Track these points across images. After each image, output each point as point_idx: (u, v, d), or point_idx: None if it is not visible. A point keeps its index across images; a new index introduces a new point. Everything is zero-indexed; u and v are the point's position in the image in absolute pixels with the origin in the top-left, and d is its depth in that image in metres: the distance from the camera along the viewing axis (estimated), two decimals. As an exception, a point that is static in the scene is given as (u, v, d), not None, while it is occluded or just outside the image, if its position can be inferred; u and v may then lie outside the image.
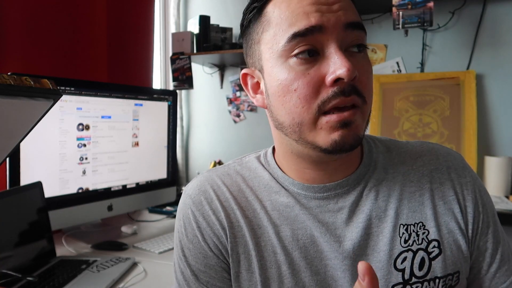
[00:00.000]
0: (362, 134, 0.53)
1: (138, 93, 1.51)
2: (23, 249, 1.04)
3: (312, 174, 0.58)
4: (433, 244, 0.56)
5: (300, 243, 0.57)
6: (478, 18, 1.72)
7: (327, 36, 0.50)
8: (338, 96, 0.49)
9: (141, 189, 1.54)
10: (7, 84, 0.51)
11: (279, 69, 0.52)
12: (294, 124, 0.52)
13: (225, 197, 0.60)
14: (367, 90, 0.52)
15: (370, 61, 0.55)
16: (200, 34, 2.02)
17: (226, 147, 2.26)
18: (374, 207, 0.57)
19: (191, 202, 0.60)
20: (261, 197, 0.60)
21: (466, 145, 1.69)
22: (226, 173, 0.63)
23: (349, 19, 0.50)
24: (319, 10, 0.50)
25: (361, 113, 0.52)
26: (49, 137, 1.22)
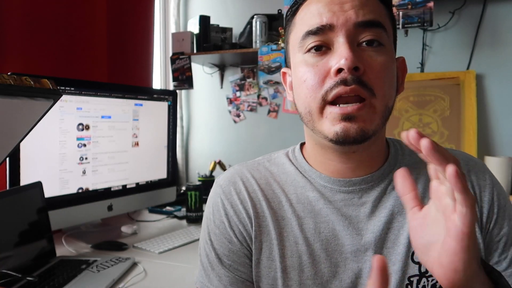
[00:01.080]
0: (372, 129, 0.55)
1: (138, 93, 1.51)
2: (23, 249, 1.04)
3: (336, 167, 0.61)
4: None
5: (322, 235, 0.60)
6: (478, 18, 1.72)
7: (337, 33, 0.54)
8: (338, 85, 0.53)
9: (141, 189, 1.54)
10: (7, 84, 0.51)
11: (297, 64, 0.59)
12: (306, 113, 0.58)
13: (253, 189, 0.64)
14: (376, 83, 0.54)
15: (389, 56, 0.56)
16: (200, 34, 2.02)
17: (226, 147, 2.26)
18: (397, 203, 0.60)
19: (221, 191, 0.65)
20: (287, 191, 0.63)
21: (466, 145, 1.69)
22: (256, 168, 0.67)
23: (359, 18, 0.54)
24: (331, 10, 0.55)
25: (370, 107, 0.54)
26: (49, 137, 1.22)
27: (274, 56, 1.81)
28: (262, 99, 2.17)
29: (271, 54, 1.81)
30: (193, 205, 1.59)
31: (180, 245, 1.31)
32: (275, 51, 1.80)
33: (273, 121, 2.15)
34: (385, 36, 0.56)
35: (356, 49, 0.54)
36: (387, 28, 0.57)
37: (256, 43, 1.89)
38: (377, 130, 0.56)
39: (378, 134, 0.58)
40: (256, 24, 1.89)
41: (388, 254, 0.59)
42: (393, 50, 0.59)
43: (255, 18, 1.89)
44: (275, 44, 1.80)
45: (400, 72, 0.62)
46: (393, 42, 0.61)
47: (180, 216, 1.67)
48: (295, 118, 2.09)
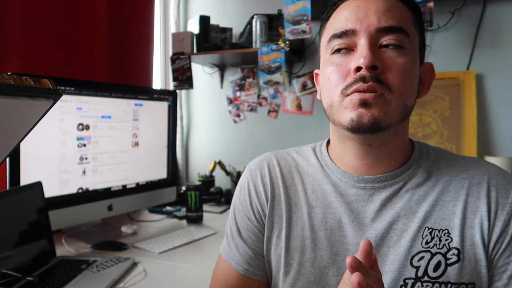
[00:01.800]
0: (386, 120, 0.58)
1: (138, 93, 1.51)
2: (23, 249, 1.04)
3: (353, 162, 0.65)
4: (453, 251, 0.59)
5: (328, 225, 0.65)
6: (478, 18, 1.72)
7: (360, 37, 0.59)
8: (357, 82, 0.58)
9: (141, 189, 1.54)
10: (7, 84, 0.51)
11: (324, 64, 0.64)
12: (328, 107, 0.63)
13: (276, 175, 0.71)
14: (395, 82, 0.58)
15: (410, 58, 0.60)
16: (200, 34, 2.02)
17: (226, 147, 2.26)
18: (406, 206, 0.62)
19: (249, 174, 0.74)
20: (306, 181, 0.70)
21: (466, 145, 1.69)
22: (284, 156, 0.74)
23: (381, 24, 0.58)
24: (356, 15, 0.60)
25: (385, 101, 0.58)
26: (49, 137, 1.22)
27: (274, 56, 1.81)
28: (262, 99, 2.17)
29: (271, 54, 1.81)
30: (193, 205, 1.59)
31: (180, 245, 1.31)
32: (275, 51, 1.80)
33: (273, 121, 2.15)
34: (407, 41, 0.60)
35: (377, 50, 0.58)
36: (411, 33, 0.60)
37: (256, 43, 1.89)
38: (391, 124, 0.59)
39: (394, 130, 0.61)
40: (256, 24, 1.89)
41: (388, 253, 0.61)
42: (416, 54, 0.62)
43: (255, 18, 1.89)
44: (275, 44, 1.80)
45: (426, 76, 0.65)
46: (420, 47, 0.64)
47: (180, 216, 1.67)
48: (295, 118, 2.09)
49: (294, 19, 1.71)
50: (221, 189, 2.02)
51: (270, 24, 1.91)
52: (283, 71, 1.80)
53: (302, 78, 2.05)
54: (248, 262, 0.70)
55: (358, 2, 0.61)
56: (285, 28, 1.73)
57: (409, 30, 0.60)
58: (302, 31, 1.70)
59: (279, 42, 1.79)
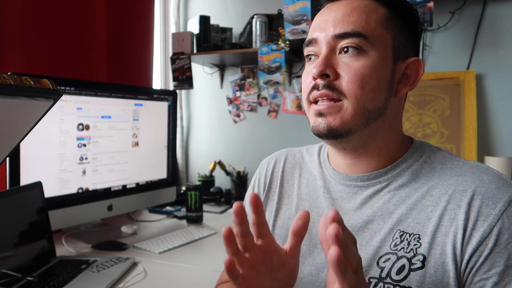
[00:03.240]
0: (341, 126, 0.60)
1: (138, 93, 1.51)
2: (23, 249, 1.04)
3: (337, 161, 0.69)
4: (418, 257, 0.58)
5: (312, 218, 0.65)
6: (478, 18, 1.72)
7: (321, 45, 0.63)
8: (313, 90, 0.62)
9: (141, 189, 1.54)
10: (7, 84, 0.51)
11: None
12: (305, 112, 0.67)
13: (278, 170, 0.78)
14: (349, 87, 0.60)
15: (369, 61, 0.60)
16: (200, 34, 2.02)
17: (226, 147, 2.26)
18: (383, 207, 0.63)
19: (260, 167, 0.82)
20: (303, 176, 0.75)
21: (466, 145, 1.69)
22: (295, 153, 0.80)
23: (336, 31, 0.61)
24: (319, 25, 0.64)
25: (340, 108, 0.60)
26: (49, 137, 1.22)
27: (274, 56, 1.81)
28: (262, 99, 2.17)
29: (271, 54, 1.81)
30: (193, 205, 1.59)
31: (180, 245, 1.31)
32: (275, 51, 1.80)
33: (273, 121, 2.15)
34: (366, 44, 0.60)
35: (335, 57, 0.61)
36: (374, 34, 0.60)
37: (256, 43, 1.89)
38: (352, 129, 0.60)
39: (367, 133, 0.61)
40: (256, 24, 1.89)
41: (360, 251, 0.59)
42: (382, 54, 0.60)
43: (255, 18, 1.89)
44: (275, 44, 1.80)
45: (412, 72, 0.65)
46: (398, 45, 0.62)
47: (180, 216, 1.67)
48: (295, 118, 2.09)
49: (294, 19, 1.71)
50: (221, 189, 2.02)
51: (270, 24, 1.91)
52: (283, 71, 1.80)
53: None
54: None
55: (323, 11, 0.65)
56: (285, 28, 1.73)
57: (371, 31, 0.60)
58: (302, 31, 1.70)
59: (279, 42, 1.79)
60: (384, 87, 0.61)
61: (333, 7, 0.63)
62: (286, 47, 1.78)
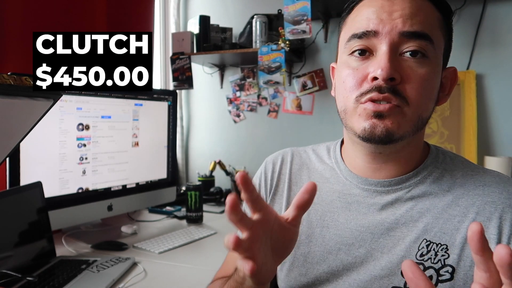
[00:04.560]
0: (399, 133, 0.56)
1: (138, 93, 1.51)
2: (23, 249, 1.04)
3: (360, 164, 0.65)
4: (447, 268, 0.56)
5: (325, 223, 0.65)
6: (478, 18, 1.72)
7: (381, 40, 0.56)
8: (373, 91, 0.56)
9: (141, 189, 1.54)
10: (7, 84, 0.51)
11: (340, 64, 0.62)
12: (342, 111, 0.61)
13: (285, 171, 0.74)
14: (412, 94, 0.55)
15: (431, 68, 0.57)
16: (200, 34, 2.02)
17: (226, 147, 2.26)
18: (407, 215, 0.60)
19: (264, 165, 0.78)
20: (313, 178, 0.71)
21: (466, 145, 1.69)
22: (301, 153, 0.76)
23: (405, 28, 0.55)
24: (379, 16, 0.57)
25: (400, 113, 0.56)
26: (49, 137, 1.22)
27: (274, 56, 1.81)
28: (262, 99, 2.17)
29: (271, 54, 1.81)
30: (193, 205, 1.59)
31: (180, 245, 1.31)
32: (275, 51, 1.80)
33: (273, 121, 2.15)
34: (431, 48, 0.56)
35: (397, 58, 0.56)
36: (436, 39, 0.57)
37: (256, 43, 1.89)
38: (405, 136, 0.57)
39: (407, 141, 0.59)
40: (256, 24, 1.89)
41: (381, 258, 0.60)
42: (439, 63, 0.59)
43: (255, 18, 1.89)
44: (275, 44, 1.80)
45: (448, 82, 0.63)
46: (445, 53, 0.61)
47: (180, 216, 1.67)
48: (295, 118, 2.09)
49: (294, 19, 1.71)
50: (221, 189, 2.02)
51: (270, 24, 1.91)
52: (283, 71, 1.80)
53: (302, 78, 2.05)
54: None
55: (383, 2, 0.57)
56: (285, 28, 1.73)
57: (435, 36, 0.57)
58: (302, 31, 1.70)
59: (279, 42, 1.79)
60: (434, 96, 0.60)
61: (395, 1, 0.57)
62: (286, 47, 1.78)
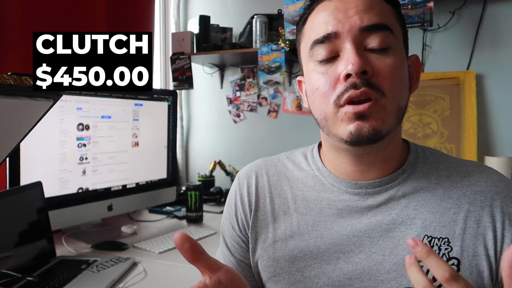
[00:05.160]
0: (384, 128, 0.55)
1: (138, 93, 1.51)
2: (23, 249, 1.04)
3: (346, 169, 0.62)
4: (452, 261, 0.56)
5: (318, 233, 0.62)
6: (478, 18, 1.72)
7: (343, 40, 0.56)
8: (349, 90, 0.54)
9: (141, 189, 1.54)
10: (7, 84, 0.51)
11: (308, 72, 0.61)
12: (322, 119, 0.59)
13: (262, 184, 0.69)
14: (385, 84, 0.55)
15: (397, 57, 0.57)
16: (200, 34, 2.02)
17: (226, 147, 2.26)
18: (403, 213, 0.59)
19: (238, 182, 0.72)
20: (295, 187, 0.67)
21: (466, 145, 1.69)
22: (274, 164, 0.71)
23: (364, 23, 0.55)
24: (336, 17, 0.56)
25: (380, 107, 0.55)
26: (49, 137, 1.22)
27: (274, 56, 1.81)
28: (262, 99, 2.17)
29: (271, 54, 1.81)
30: (193, 205, 1.59)
31: (180, 245, 1.31)
32: (275, 51, 1.80)
33: (273, 121, 2.15)
34: (393, 38, 0.57)
35: (364, 52, 0.55)
36: (395, 29, 0.57)
37: (256, 43, 1.89)
38: (391, 130, 0.57)
39: (392, 135, 0.58)
40: (256, 24, 1.89)
41: (383, 262, 0.58)
42: (402, 51, 0.59)
43: (255, 18, 1.89)
44: (275, 44, 1.80)
45: (413, 70, 0.62)
46: (404, 41, 0.61)
47: (180, 216, 1.67)
48: (295, 118, 2.09)
49: (294, 19, 1.71)
50: (221, 189, 2.02)
51: (270, 24, 1.91)
52: (283, 71, 1.80)
53: (302, 78, 2.05)
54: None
55: (336, 4, 0.57)
56: (285, 28, 1.73)
57: (393, 25, 0.57)
58: (302, 31, 1.69)
59: (279, 42, 1.79)
60: (407, 83, 0.60)
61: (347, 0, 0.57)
62: (286, 47, 1.78)
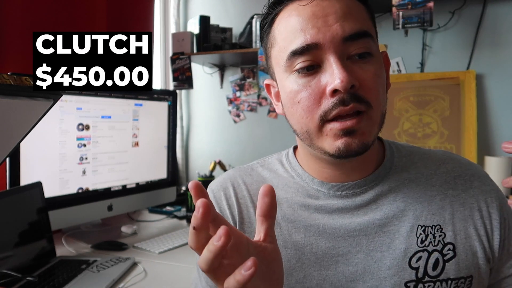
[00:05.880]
0: (371, 140, 0.54)
1: (138, 93, 1.51)
2: (23, 249, 1.04)
3: (330, 173, 0.61)
4: (448, 247, 0.58)
5: (312, 239, 0.60)
6: (478, 18, 1.72)
7: (325, 51, 0.52)
8: (337, 106, 0.51)
9: (141, 189, 1.54)
10: (7, 84, 0.51)
11: (286, 82, 0.56)
12: (303, 132, 0.56)
13: (242, 194, 0.64)
14: (371, 94, 0.53)
15: (379, 63, 0.55)
16: (200, 34, 2.02)
17: (226, 147, 2.26)
18: (393, 207, 0.59)
19: (213, 196, 0.65)
20: (278, 195, 0.62)
21: (466, 145, 1.69)
22: (249, 173, 0.67)
23: (346, 32, 0.51)
24: (315, 25, 0.52)
25: (368, 119, 0.53)
26: (49, 137, 1.22)
27: (274, 56, 1.81)
28: (262, 99, 2.17)
29: (271, 54, 1.81)
30: (193, 205, 1.59)
31: (180, 245, 1.31)
32: (275, 51, 1.80)
33: (273, 121, 2.15)
34: (373, 44, 0.55)
35: (347, 64, 0.52)
36: (373, 32, 0.55)
37: (256, 43, 1.89)
38: (375, 138, 0.57)
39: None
40: (256, 24, 1.89)
41: (383, 258, 0.58)
42: (380, 54, 0.57)
43: (255, 18, 1.89)
44: (275, 44, 1.80)
45: (386, 68, 0.60)
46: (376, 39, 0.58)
47: (180, 216, 1.67)
48: (295, 118, 2.09)
49: (294, 19, 1.70)
50: (221, 189, 2.02)
51: (270, 24, 1.91)
52: (283, 71, 1.80)
53: (302, 78, 2.05)
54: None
55: (313, 9, 0.52)
56: (285, 28, 1.73)
57: (371, 30, 0.55)
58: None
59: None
60: (385, 87, 0.58)
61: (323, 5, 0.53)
62: (286, 47, 1.78)
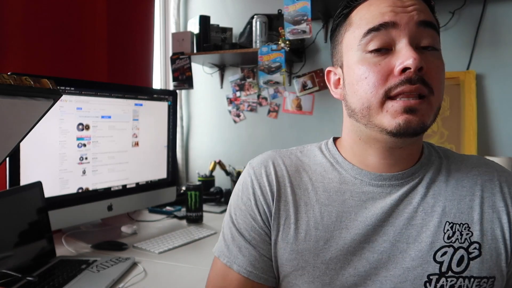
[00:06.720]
0: (428, 123, 0.58)
1: (138, 93, 1.51)
2: (23, 249, 1.04)
3: (373, 161, 0.64)
4: (474, 245, 0.60)
5: (343, 224, 0.63)
6: (478, 18, 1.72)
7: (400, 32, 0.57)
8: (404, 84, 0.55)
9: (141, 189, 1.54)
10: (7, 84, 0.51)
11: (355, 62, 0.60)
12: (363, 108, 0.59)
13: (282, 173, 0.68)
14: (435, 83, 0.57)
15: (442, 61, 0.61)
16: (200, 34, 2.02)
17: (226, 147, 2.26)
18: (422, 202, 0.62)
19: (253, 172, 0.69)
20: (315, 179, 0.67)
21: (466, 145, 1.69)
22: (288, 156, 0.71)
23: (421, 18, 0.57)
24: (394, 10, 0.57)
25: (428, 104, 0.57)
26: (49, 137, 1.22)
27: (274, 56, 1.81)
28: (262, 99, 2.17)
29: (271, 54, 1.81)
30: (193, 205, 1.59)
31: (180, 245, 1.31)
32: (275, 51, 1.80)
33: (273, 121, 2.15)
34: (438, 41, 0.60)
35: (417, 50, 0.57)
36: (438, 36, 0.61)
37: (256, 43, 1.89)
38: (430, 126, 0.59)
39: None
40: (256, 24, 1.89)
41: (408, 249, 0.60)
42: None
43: (255, 18, 1.89)
44: (275, 44, 1.80)
45: None
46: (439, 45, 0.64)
47: (180, 216, 1.67)
48: (295, 118, 2.09)
49: (294, 19, 1.71)
50: (221, 189, 2.02)
51: (270, 24, 1.91)
52: (283, 71, 1.80)
53: (302, 78, 2.05)
54: (252, 264, 0.65)
55: (394, 1, 0.58)
56: (285, 28, 1.73)
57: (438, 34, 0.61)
58: (302, 31, 1.70)
59: (279, 42, 1.79)
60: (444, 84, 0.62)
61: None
62: (286, 47, 1.78)
